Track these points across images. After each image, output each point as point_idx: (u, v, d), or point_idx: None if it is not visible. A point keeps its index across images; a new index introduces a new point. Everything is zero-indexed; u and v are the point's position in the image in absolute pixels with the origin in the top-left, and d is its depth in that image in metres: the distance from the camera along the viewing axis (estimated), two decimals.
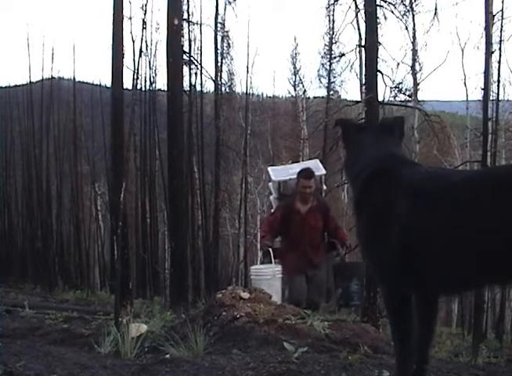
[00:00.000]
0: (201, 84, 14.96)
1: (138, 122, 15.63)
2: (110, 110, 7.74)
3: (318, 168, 5.68)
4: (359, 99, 11.99)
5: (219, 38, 15.02)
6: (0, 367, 2.18)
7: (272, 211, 5.71)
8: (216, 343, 3.15)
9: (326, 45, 17.07)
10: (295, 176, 5.24)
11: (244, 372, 2.42)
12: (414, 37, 14.62)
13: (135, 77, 8.72)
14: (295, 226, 5.12)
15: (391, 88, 11.12)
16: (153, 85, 16.49)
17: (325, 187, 5.94)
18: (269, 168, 6.40)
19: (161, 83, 21.67)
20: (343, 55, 11.99)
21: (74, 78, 20.13)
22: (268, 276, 4.80)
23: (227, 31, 15.90)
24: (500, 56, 10.80)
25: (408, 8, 11.50)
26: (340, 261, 5.39)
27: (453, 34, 39.66)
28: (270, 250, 5.02)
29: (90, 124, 20.72)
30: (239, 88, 19.75)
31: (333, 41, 15.15)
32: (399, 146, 2.31)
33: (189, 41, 13.83)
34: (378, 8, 9.46)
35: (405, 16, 11.25)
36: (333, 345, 3.07)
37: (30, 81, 19.53)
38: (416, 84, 15.38)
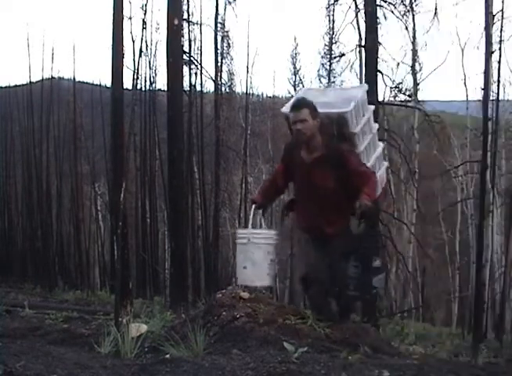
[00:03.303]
0: (201, 84, 15.00)
1: (138, 122, 15.65)
2: (110, 110, 7.74)
3: (349, 99, 3.70)
4: None
5: (219, 38, 15.03)
6: (0, 367, 2.18)
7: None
8: (216, 343, 3.15)
9: (326, 45, 17.04)
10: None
11: (244, 372, 2.41)
12: (414, 37, 14.62)
13: (135, 77, 8.75)
14: (300, 181, 3.70)
15: (391, 88, 11.11)
16: (153, 85, 16.54)
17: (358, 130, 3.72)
18: (301, 91, 4.64)
19: (161, 83, 21.71)
20: (343, 55, 11.98)
21: (74, 78, 20.17)
22: (244, 240, 3.66)
23: (227, 31, 15.91)
24: (500, 56, 10.82)
25: (408, 8, 11.49)
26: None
27: (453, 34, 39.72)
28: (254, 207, 3.92)
29: (90, 124, 20.72)
30: (239, 88, 19.77)
31: (333, 41, 15.13)
32: None
33: (189, 41, 13.85)
34: (378, 8, 9.49)
35: (405, 16, 11.26)
36: (333, 345, 3.07)
37: (30, 81, 19.56)
38: (416, 84, 15.38)
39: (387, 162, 4.21)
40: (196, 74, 14.21)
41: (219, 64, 15.15)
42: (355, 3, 10.72)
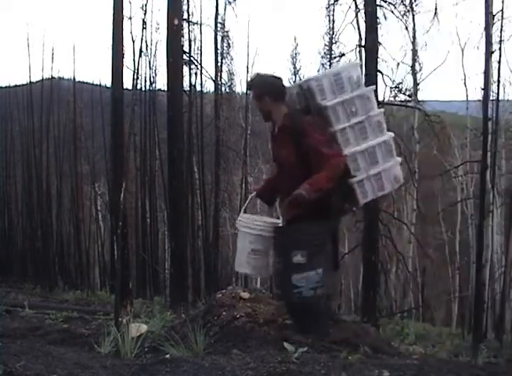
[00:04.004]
0: (201, 84, 15.04)
1: (138, 122, 15.66)
2: (110, 110, 7.74)
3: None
4: None
5: (219, 38, 15.04)
6: (0, 367, 2.17)
7: None
8: (216, 343, 3.15)
9: (326, 45, 17.04)
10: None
11: (244, 372, 2.41)
12: (414, 37, 14.64)
13: (135, 77, 8.75)
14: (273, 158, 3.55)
15: (391, 88, 11.09)
16: (153, 85, 16.56)
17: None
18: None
19: (161, 83, 21.76)
20: (343, 55, 11.95)
21: (74, 78, 20.20)
22: (237, 225, 3.55)
23: (227, 31, 15.92)
24: (500, 56, 10.82)
25: (408, 8, 11.48)
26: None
27: (453, 34, 39.78)
28: (251, 195, 3.78)
29: (90, 124, 20.74)
30: (239, 88, 19.78)
31: (333, 41, 15.12)
32: None
33: (189, 41, 13.85)
34: (378, 8, 9.47)
35: (405, 16, 11.24)
36: (333, 345, 3.06)
37: (30, 81, 19.58)
38: (416, 84, 15.39)
39: (399, 158, 3.60)
40: (196, 74, 14.23)
41: (219, 64, 15.17)
42: (355, 3, 10.71)
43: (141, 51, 13.57)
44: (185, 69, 12.51)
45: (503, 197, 16.27)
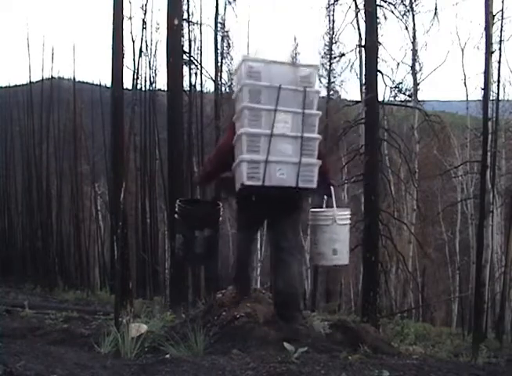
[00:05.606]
0: (201, 84, 15.02)
1: (138, 122, 15.65)
2: (110, 110, 7.75)
3: None
4: (359, 99, 11.99)
5: (219, 38, 15.01)
6: (0, 367, 2.17)
7: None
8: (216, 343, 3.15)
9: (326, 45, 17.05)
10: None
11: (244, 372, 2.41)
12: (414, 37, 14.60)
13: (135, 77, 8.75)
14: None
15: (391, 88, 11.11)
16: (153, 85, 16.55)
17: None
18: None
19: (161, 83, 21.76)
20: (343, 55, 11.95)
21: (74, 78, 20.19)
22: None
23: (227, 31, 15.88)
24: (500, 56, 10.80)
25: (408, 8, 11.47)
26: None
27: (453, 34, 39.81)
28: None
29: (90, 124, 20.73)
30: None
31: (333, 41, 15.14)
32: None
33: (189, 41, 13.84)
34: (378, 8, 9.46)
35: (405, 16, 11.22)
36: (333, 345, 3.07)
37: (30, 81, 19.58)
38: (416, 84, 15.36)
39: (254, 156, 3.21)
40: (196, 74, 14.23)
41: (219, 64, 15.14)
42: (355, 3, 10.69)
43: (141, 51, 13.60)
44: (185, 69, 12.51)
45: (503, 196, 16.26)
